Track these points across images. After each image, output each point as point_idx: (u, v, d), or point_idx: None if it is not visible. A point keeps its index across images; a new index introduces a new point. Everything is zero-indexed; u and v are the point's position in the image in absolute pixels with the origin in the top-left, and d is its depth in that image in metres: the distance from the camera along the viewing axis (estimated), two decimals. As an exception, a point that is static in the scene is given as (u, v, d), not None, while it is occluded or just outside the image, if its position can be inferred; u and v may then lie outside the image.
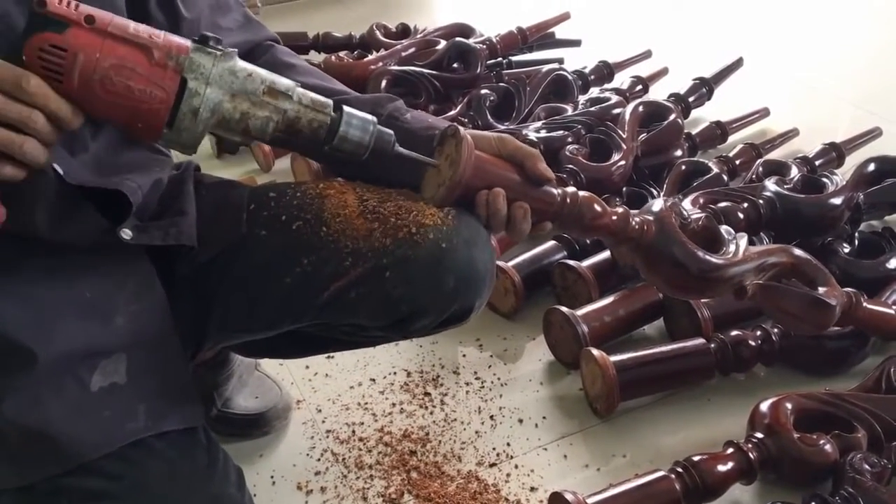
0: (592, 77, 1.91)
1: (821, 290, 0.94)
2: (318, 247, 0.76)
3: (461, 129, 0.75)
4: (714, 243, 0.91)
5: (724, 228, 0.94)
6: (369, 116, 0.69)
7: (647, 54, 2.04)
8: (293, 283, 0.77)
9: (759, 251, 0.92)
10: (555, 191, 0.79)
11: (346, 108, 0.68)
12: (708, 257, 0.86)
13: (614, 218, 0.83)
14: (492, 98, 1.73)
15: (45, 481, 0.65)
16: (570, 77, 1.84)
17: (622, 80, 1.90)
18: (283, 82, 0.66)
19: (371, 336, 0.87)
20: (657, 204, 0.90)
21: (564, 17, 2.07)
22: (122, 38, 0.60)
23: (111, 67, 0.59)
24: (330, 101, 0.68)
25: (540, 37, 2.05)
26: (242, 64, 0.64)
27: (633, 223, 0.84)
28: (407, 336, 0.88)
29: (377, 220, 0.76)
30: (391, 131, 0.70)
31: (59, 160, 0.65)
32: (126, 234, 0.69)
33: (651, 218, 0.86)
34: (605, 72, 1.94)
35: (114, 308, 0.70)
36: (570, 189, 0.81)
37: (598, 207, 0.81)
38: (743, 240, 0.93)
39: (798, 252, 0.97)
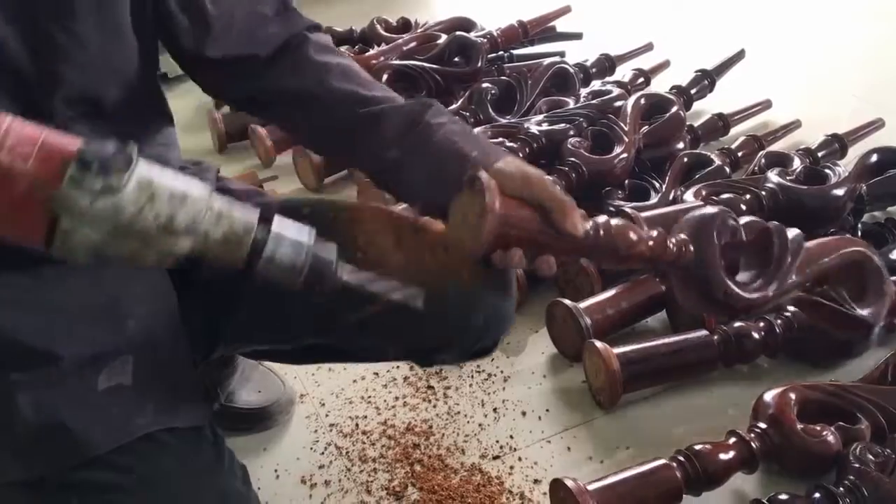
0: (594, 70, 1.90)
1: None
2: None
3: (485, 181, 0.65)
4: (765, 252, 0.85)
5: (776, 231, 0.86)
6: (303, 237, 0.57)
7: (648, 47, 2.03)
8: (324, 306, 0.75)
9: (804, 265, 0.86)
10: (586, 225, 0.70)
11: (275, 229, 0.56)
12: (740, 293, 0.79)
13: (651, 244, 0.74)
14: (493, 92, 1.73)
15: (55, 475, 0.65)
16: (571, 70, 1.83)
17: (624, 72, 1.89)
18: (188, 215, 0.52)
19: (388, 357, 0.88)
20: (701, 214, 0.81)
21: (565, 11, 2.06)
22: None
23: None
24: (248, 231, 0.55)
25: (541, 30, 2.04)
26: (134, 194, 0.50)
27: (671, 247, 0.76)
28: (429, 364, 0.90)
29: (412, 252, 0.76)
30: (331, 263, 0.58)
31: None
32: None
33: (688, 239, 0.78)
34: (607, 64, 1.93)
35: (125, 311, 0.71)
36: (602, 220, 0.72)
37: (633, 236, 0.73)
38: (798, 249, 0.86)
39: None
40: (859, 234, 1.32)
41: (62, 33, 0.64)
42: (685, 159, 1.50)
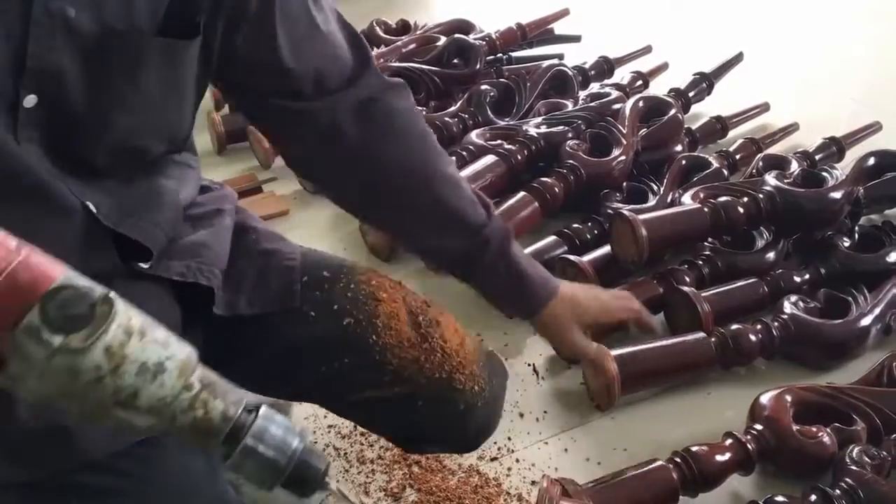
0: (592, 72, 1.91)
1: None
2: (363, 351, 0.78)
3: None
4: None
5: None
6: (291, 444, 0.50)
7: (647, 49, 2.04)
8: (328, 375, 0.79)
9: None
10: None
11: (258, 430, 0.50)
12: None
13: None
14: (492, 94, 1.73)
15: (53, 478, 0.65)
16: (569, 72, 1.84)
17: (622, 75, 1.90)
18: (155, 394, 0.45)
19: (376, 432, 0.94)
20: None
21: (563, 14, 2.07)
22: None
23: None
24: (224, 428, 0.49)
25: (539, 33, 2.05)
26: (98, 359, 0.44)
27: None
28: (410, 451, 0.96)
29: (426, 348, 0.78)
30: (320, 467, 0.52)
31: (91, 198, 0.64)
32: (143, 264, 0.69)
33: None
34: (605, 67, 1.94)
35: None
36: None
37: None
38: None
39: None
40: (856, 237, 1.33)
41: (124, 79, 0.63)
42: (683, 162, 1.51)
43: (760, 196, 1.29)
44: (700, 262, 1.27)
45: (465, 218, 0.85)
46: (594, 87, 1.83)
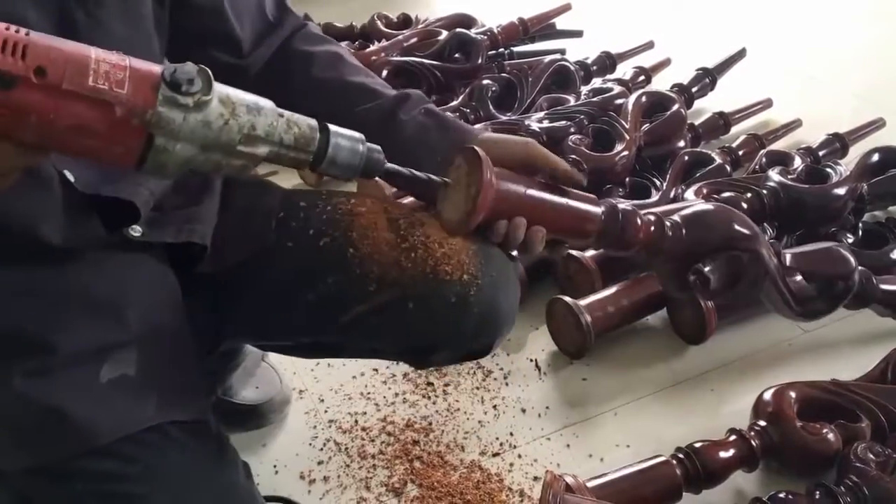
0: (595, 67, 1.90)
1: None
2: (344, 267, 0.76)
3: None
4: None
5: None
6: (357, 137, 0.63)
7: (649, 45, 2.03)
8: (315, 300, 0.77)
9: None
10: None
11: (333, 132, 0.62)
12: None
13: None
14: (494, 88, 1.72)
15: (58, 463, 0.65)
16: (572, 67, 1.83)
17: (624, 70, 1.89)
18: (264, 122, 0.58)
19: (388, 356, 0.89)
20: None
21: (566, 9, 2.05)
22: (79, 94, 0.50)
23: (67, 129, 0.51)
24: (315, 134, 0.61)
25: (541, 28, 2.04)
26: (218, 108, 0.55)
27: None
28: (423, 365, 0.91)
29: (405, 248, 0.75)
30: (379, 149, 0.65)
31: (69, 166, 0.64)
32: (136, 230, 0.70)
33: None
34: (608, 62, 1.93)
35: (125, 303, 0.70)
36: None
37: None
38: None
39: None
40: (860, 233, 1.32)
41: (86, 17, 0.63)
42: (686, 158, 1.50)
43: (764, 192, 1.28)
44: (703, 258, 1.26)
45: (379, 92, 0.84)
46: (596, 82, 1.82)
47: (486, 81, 1.73)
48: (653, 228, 0.79)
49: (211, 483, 0.68)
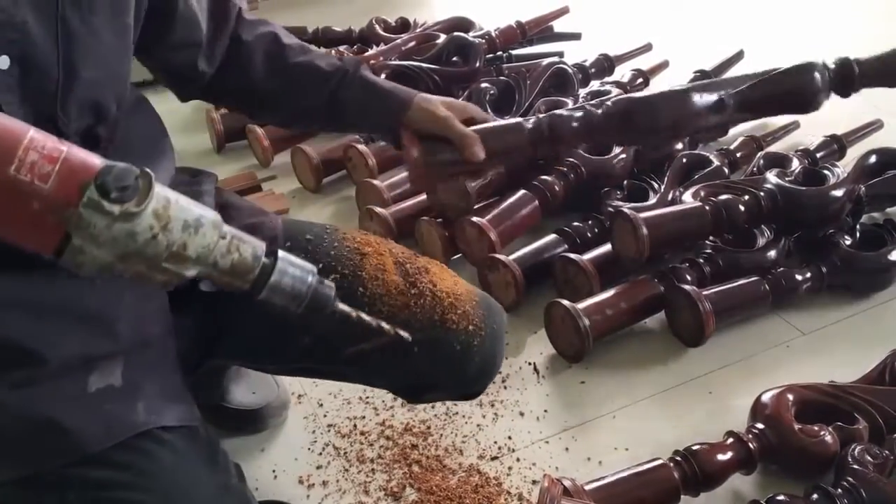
0: (593, 70, 1.90)
1: None
2: (352, 305, 0.76)
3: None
4: None
5: None
6: (308, 273, 0.59)
7: (647, 47, 2.03)
8: (321, 332, 0.78)
9: None
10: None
11: (282, 261, 0.58)
12: None
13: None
14: (492, 92, 1.72)
15: (50, 473, 0.65)
16: (570, 70, 1.83)
17: (623, 72, 1.89)
18: (199, 244, 0.53)
19: (377, 387, 0.92)
20: None
21: (563, 12, 2.06)
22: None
23: None
24: (257, 265, 0.57)
25: (539, 31, 2.04)
26: (149, 220, 0.50)
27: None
28: (416, 402, 0.94)
29: (414, 293, 0.77)
30: (332, 289, 0.61)
31: None
32: None
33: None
34: (606, 65, 1.93)
35: (116, 314, 0.70)
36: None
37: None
38: None
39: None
40: (858, 234, 1.32)
41: (81, 24, 0.64)
42: (684, 160, 1.50)
43: (762, 194, 1.28)
44: (701, 261, 1.27)
45: (321, 71, 0.94)
46: (594, 85, 1.82)
47: (484, 85, 1.73)
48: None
49: (203, 486, 0.68)
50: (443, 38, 1.89)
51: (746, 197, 1.28)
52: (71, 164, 0.49)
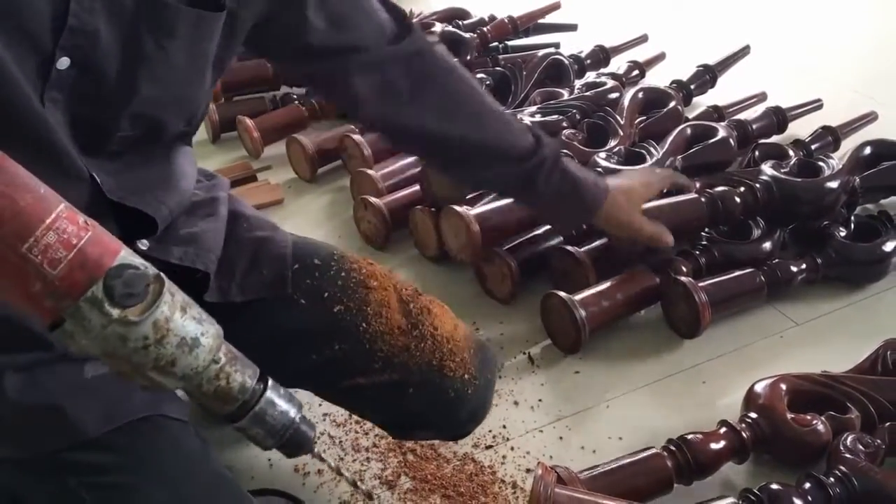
0: (588, 61, 1.90)
1: None
2: (354, 339, 0.78)
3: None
4: None
5: None
6: (294, 407, 0.58)
7: (643, 38, 2.03)
8: (318, 362, 0.80)
9: None
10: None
11: (271, 390, 0.57)
12: None
13: None
14: (488, 83, 1.72)
15: (49, 457, 0.65)
16: (566, 61, 1.83)
17: (618, 64, 1.89)
18: (190, 364, 0.51)
19: (369, 419, 0.94)
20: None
21: (555, 7, 2.06)
22: (4, 255, 0.47)
23: None
24: (241, 398, 0.55)
25: (531, 24, 2.05)
26: (146, 330, 0.49)
27: None
28: (403, 438, 0.96)
29: (416, 336, 0.79)
30: (312, 429, 0.60)
31: (98, 170, 0.65)
32: (143, 244, 0.71)
33: None
34: (602, 56, 1.93)
35: None
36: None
37: None
38: None
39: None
40: (852, 226, 1.33)
41: (155, 47, 0.64)
42: (688, 131, 1.48)
43: (757, 186, 1.29)
44: (697, 252, 1.27)
45: (516, 146, 0.91)
46: (590, 76, 1.82)
47: (480, 75, 1.73)
48: None
49: (200, 473, 0.69)
50: (438, 27, 1.88)
51: (742, 189, 1.29)
52: (86, 255, 0.48)
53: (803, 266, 1.26)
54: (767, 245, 1.29)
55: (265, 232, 0.85)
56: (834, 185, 1.29)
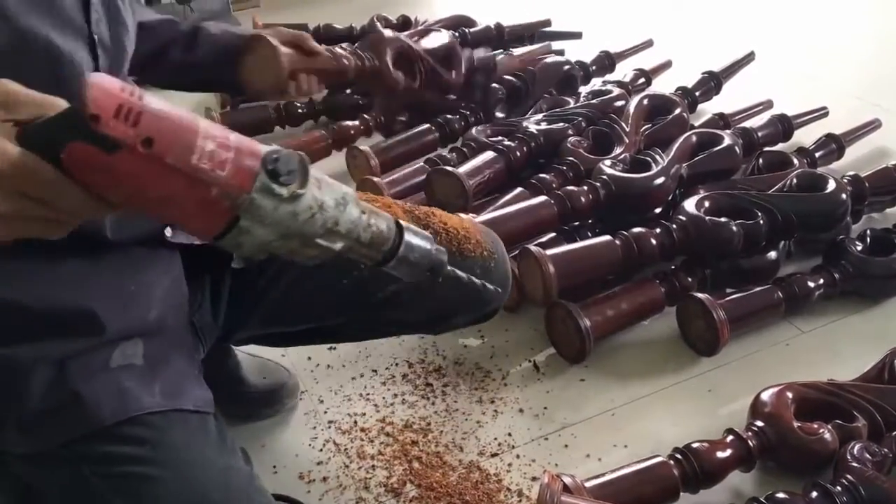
0: (594, 68, 1.91)
1: None
2: None
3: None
4: None
5: None
6: (428, 241, 0.62)
7: (648, 43, 2.03)
8: (350, 284, 0.86)
9: None
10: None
11: (407, 236, 0.61)
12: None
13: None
14: (500, 93, 1.73)
15: (64, 447, 0.66)
16: (576, 73, 1.83)
17: (625, 72, 1.90)
18: (348, 219, 0.56)
19: (391, 332, 1.01)
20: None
21: (546, 24, 2.09)
22: (180, 170, 0.49)
23: (158, 199, 0.50)
24: (391, 236, 0.60)
25: (539, 34, 2.07)
26: (310, 200, 0.53)
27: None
28: (437, 332, 1.03)
29: (430, 233, 0.80)
30: (444, 254, 0.63)
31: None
32: (168, 231, 0.75)
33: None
34: (607, 62, 1.94)
35: (151, 302, 0.74)
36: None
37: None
38: None
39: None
40: (868, 240, 1.30)
41: (124, 6, 0.70)
42: (694, 138, 1.48)
43: (674, 227, 1.26)
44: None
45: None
46: (596, 84, 1.82)
47: (493, 85, 1.74)
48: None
49: (212, 465, 0.69)
50: (445, 34, 1.90)
51: (658, 230, 1.26)
52: (241, 150, 0.51)
53: (821, 281, 1.24)
54: (773, 255, 1.28)
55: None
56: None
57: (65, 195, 0.48)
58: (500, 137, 1.55)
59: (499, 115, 1.72)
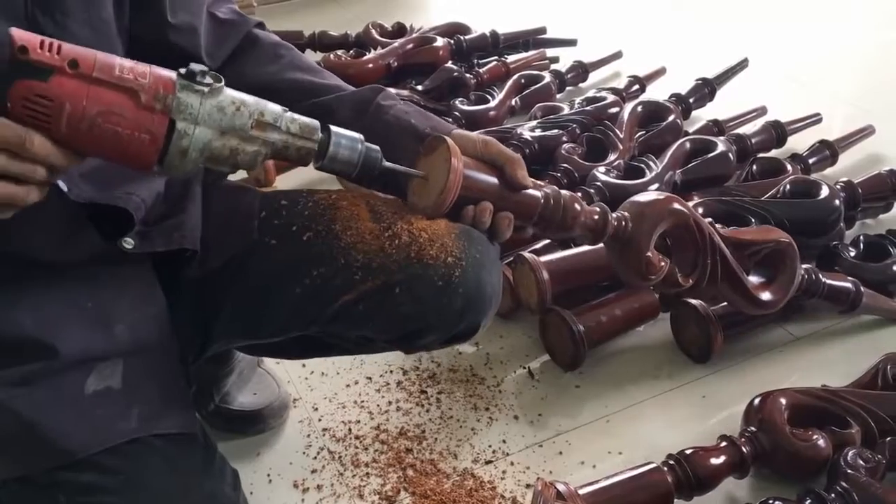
0: (570, 76, 1.94)
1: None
2: (329, 259, 0.76)
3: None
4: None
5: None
6: (356, 135, 0.68)
7: (617, 55, 2.07)
8: (302, 293, 0.78)
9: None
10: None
11: (334, 129, 0.67)
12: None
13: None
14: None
15: (42, 475, 0.65)
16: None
17: (619, 79, 1.91)
18: (271, 111, 0.64)
19: (377, 347, 0.89)
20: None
21: (541, 31, 2.10)
22: (108, 82, 0.58)
23: (98, 114, 0.57)
24: (317, 125, 0.66)
25: (534, 41, 2.08)
26: (230, 96, 0.62)
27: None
28: (412, 350, 0.89)
29: (389, 235, 0.76)
30: (377, 148, 0.69)
31: (65, 178, 0.65)
32: (128, 243, 0.71)
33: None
34: (580, 71, 1.96)
35: (114, 316, 0.71)
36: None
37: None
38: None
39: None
40: (861, 246, 1.31)
41: (54, 27, 0.64)
42: (688, 145, 1.48)
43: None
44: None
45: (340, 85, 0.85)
46: (590, 91, 1.83)
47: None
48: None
49: (193, 493, 0.68)
50: (440, 41, 1.91)
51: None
52: (154, 67, 0.60)
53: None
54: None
55: (235, 195, 0.85)
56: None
57: (25, 138, 0.55)
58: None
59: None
